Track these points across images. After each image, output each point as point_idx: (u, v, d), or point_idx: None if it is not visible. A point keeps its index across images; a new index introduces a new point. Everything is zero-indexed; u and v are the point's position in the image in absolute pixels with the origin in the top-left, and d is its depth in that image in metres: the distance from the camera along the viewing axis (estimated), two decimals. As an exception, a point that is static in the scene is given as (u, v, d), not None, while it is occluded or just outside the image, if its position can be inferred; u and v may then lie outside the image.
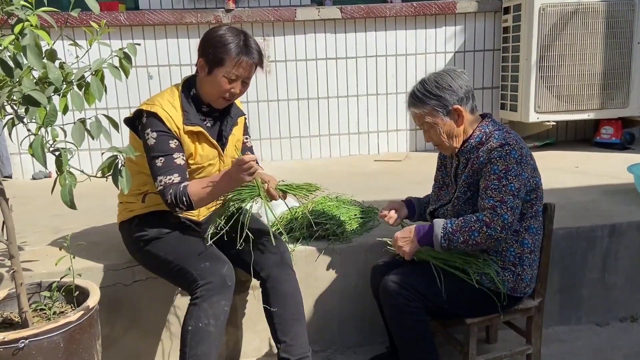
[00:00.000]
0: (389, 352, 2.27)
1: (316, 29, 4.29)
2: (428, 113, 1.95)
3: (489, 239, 1.81)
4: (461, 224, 1.84)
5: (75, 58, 1.85)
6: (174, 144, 1.97)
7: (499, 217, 1.79)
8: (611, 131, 4.33)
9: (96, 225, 2.74)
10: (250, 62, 1.97)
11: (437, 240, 1.86)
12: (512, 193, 1.81)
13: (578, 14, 3.95)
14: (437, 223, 1.88)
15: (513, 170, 1.82)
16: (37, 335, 1.63)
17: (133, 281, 2.26)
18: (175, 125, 1.98)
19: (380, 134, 4.55)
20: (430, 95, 1.92)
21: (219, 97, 2.02)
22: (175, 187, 1.92)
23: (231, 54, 1.94)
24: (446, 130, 1.95)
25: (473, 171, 1.92)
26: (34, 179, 4.10)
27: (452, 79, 1.93)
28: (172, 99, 2.02)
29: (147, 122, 1.97)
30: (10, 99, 1.54)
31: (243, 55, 1.95)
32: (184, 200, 1.91)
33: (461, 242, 1.83)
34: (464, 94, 1.92)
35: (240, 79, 1.99)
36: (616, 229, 2.57)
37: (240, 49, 1.94)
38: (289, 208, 2.55)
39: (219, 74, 1.96)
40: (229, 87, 1.99)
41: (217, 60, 1.95)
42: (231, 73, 1.96)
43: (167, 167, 1.94)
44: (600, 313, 2.65)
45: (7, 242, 1.71)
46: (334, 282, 2.44)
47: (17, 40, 1.44)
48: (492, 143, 1.87)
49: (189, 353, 1.90)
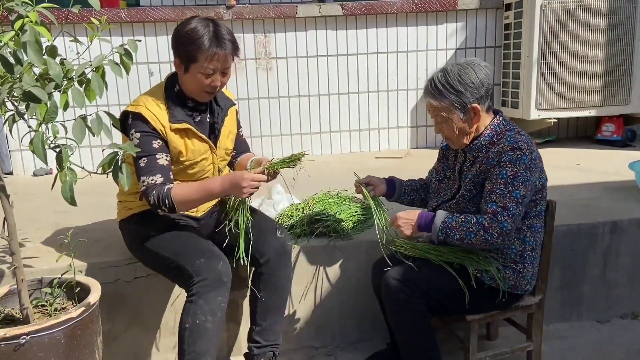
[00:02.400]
0: (390, 348, 2.27)
1: (317, 26, 4.28)
2: (445, 108, 1.89)
3: (485, 242, 1.81)
4: (461, 222, 1.84)
5: (76, 54, 1.85)
6: (157, 144, 1.96)
7: (499, 223, 1.79)
8: (612, 128, 4.33)
9: (97, 222, 2.75)
10: (223, 54, 1.94)
11: (435, 230, 1.87)
12: (516, 200, 1.79)
13: (579, 10, 3.94)
14: (440, 215, 1.89)
15: (521, 177, 1.80)
16: (38, 331, 1.63)
17: (134, 278, 2.26)
18: (161, 124, 1.97)
19: (381, 131, 4.54)
20: (451, 90, 1.86)
21: (201, 92, 2.01)
22: (158, 188, 1.92)
23: (202, 49, 1.91)
24: (460, 127, 1.91)
25: (481, 171, 1.90)
26: (34, 176, 4.10)
27: (476, 73, 1.86)
28: (156, 98, 2.02)
29: (132, 123, 1.97)
30: (11, 96, 1.54)
31: (214, 47, 1.91)
32: (167, 203, 1.91)
33: (457, 238, 1.84)
34: (484, 92, 1.87)
35: (218, 71, 1.97)
36: (617, 226, 2.57)
37: (210, 42, 1.91)
38: (290, 205, 2.55)
39: (195, 71, 1.95)
40: (208, 82, 1.97)
41: (190, 58, 1.93)
42: (206, 68, 1.93)
43: (149, 168, 1.94)
44: (601, 310, 2.65)
45: (8, 239, 1.71)
46: (335, 278, 2.45)
47: (17, 37, 1.44)
48: (504, 145, 1.83)
49: (187, 350, 1.90)
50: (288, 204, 2.66)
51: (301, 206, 2.58)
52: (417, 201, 2.25)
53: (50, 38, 1.52)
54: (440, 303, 1.94)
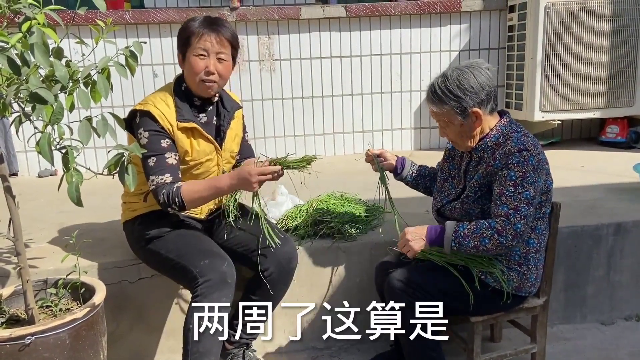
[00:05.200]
0: (393, 349, 2.26)
1: (321, 28, 4.29)
2: (446, 113, 1.90)
3: (500, 246, 1.79)
4: (473, 229, 1.82)
5: (81, 56, 1.86)
6: (165, 143, 1.98)
7: (512, 225, 1.77)
8: (617, 130, 4.32)
9: (101, 222, 2.76)
10: (214, 35, 1.98)
11: (448, 242, 1.84)
12: (527, 201, 1.79)
13: (584, 12, 3.93)
14: (449, 225, 1.87)
15: (530, 178, 1.79)
16: (43, 331, 1.64)
17: (138, 278, 2.27)
18: (169, 123, 1.98)
19: (385, 132, 4.54)
20: (450, 95, 1.86)
21: (199, 82, 2.02)
22: (168, 187, 1.94)
23: (193, 30, 1.98)
24: (462, 131, 1.91)
25: (487, 172, 1.89)
26: (39, 177, 4.11)
27: (475, 77, 1.85)
28: (164, 97, 2.03)
29: (140, 121, 1.98)
30: (18, 97, 1.55)
31: (204, 28, 1.97)
32: (177, 201, 1.93)
33: (472, 247, 1.81)
34: (485, 96, 1.86)
35: (210, 53, 1.99)
36: (621, 228, 2.56)
37: (201, 24, 1.98)
38: (294, 206, 2.55)
39: (190, 55, 1.99)
40: (202, 66, 1.98)
41: (184, 43, 1.99)
42: (198, 49, 1.97)
43: (159, 167, 1.95)
44: (605, 311, 2.64)
45: (14, 239, 1.72)
46: (339, 279, 2.45)
47: (24, 39, 1.45)
48: (510, 147, 1.83)
49: (191, 350, 1.91)
50: (292, 205, 2.66)
51: (305, 207, 2.59)
52: (421, 187, 2.27)
53: (57, 40, 1.53)
54: (444, 304, 1.93)
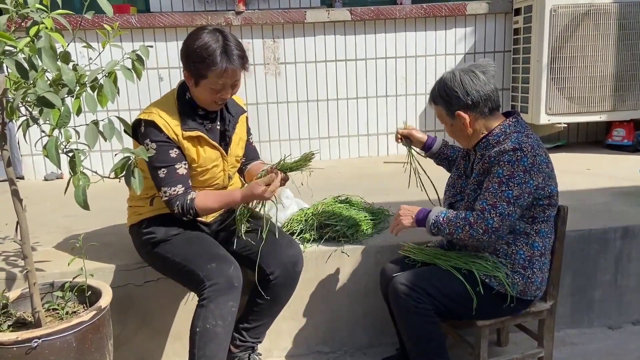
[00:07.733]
0: (399, 353, 2.26)
1: (326, 31, 4.29)
2: (439, 113, 2.00)
3: (471, 238, 1.85)
4: (450, 218, 1.90)
5: (88, 60, 1.87)
6: (174, 153, 1.99)
7: (484, 220, 1.82)
8: (623, 133, 4.30)
9: (107, 226, 2.77)
10: (232, 69, 1.93)
11: (429, 225, 1.93)
12: (507, 200, 1.80)
13: (589, 15, 3.92)
14: (434, 210, 1.95)
15: (517, 178, 1.80)
16: (50, 334, 1.65)
17: (144, 282, 2.28)
18: (174, 132, 1.99)
19: (390, 136, 4.54)
20: (442, 94, 1.94)
21: (211, 103, 2.03)
22: (181, 198, 1.97)
23: (212, 67, 1.90)
24: (453, 131, 2.00)
25: (483, 169, 1.91)
26: (45, 180, 4.13)
27: (463, 83, 1.88)
28: (168, 106, 2.03)
29: (146, 131, 1.98)
30: (25, 101, 1.56)
31: (225, 63, 1.91)
32: (191, 212, 1.98)
33: (447, 233, 1.90)
34: (476, 99, 1.88)
35: (227, 85, 1.98)
36: (629, 231, 2.55)
37: (220, 59, 1.90)
38: (299, 209, 2.55)
39: (205, 85, 1.96)
40: (217, 95, 1.99)
41: (200, 75, 1.94)
42: (216, 84, 1.95)
43: (170, 179, 1.98)
44: (612, 316, 2.63)
45: (21, 242, 1.73)
46: (344, 283, 2.44)
47: (32, 43, 1.46)
48: (506, 145, 1.84)
49: (197, 354, 1.91)
50: (297, 208, 2.67)
51: (310, 211, 2.59)
52: (445, 167, 2.32)
53: (64, 44, 1.54)
54: (449, 308, 1.93)
